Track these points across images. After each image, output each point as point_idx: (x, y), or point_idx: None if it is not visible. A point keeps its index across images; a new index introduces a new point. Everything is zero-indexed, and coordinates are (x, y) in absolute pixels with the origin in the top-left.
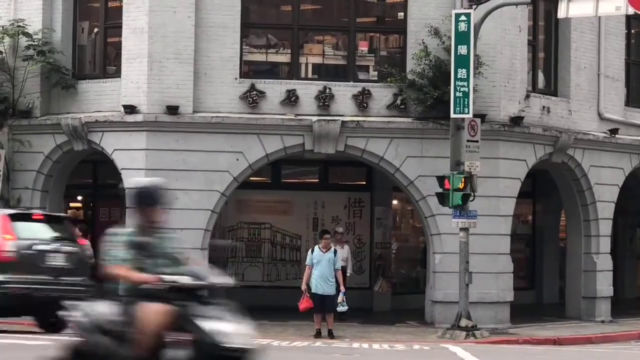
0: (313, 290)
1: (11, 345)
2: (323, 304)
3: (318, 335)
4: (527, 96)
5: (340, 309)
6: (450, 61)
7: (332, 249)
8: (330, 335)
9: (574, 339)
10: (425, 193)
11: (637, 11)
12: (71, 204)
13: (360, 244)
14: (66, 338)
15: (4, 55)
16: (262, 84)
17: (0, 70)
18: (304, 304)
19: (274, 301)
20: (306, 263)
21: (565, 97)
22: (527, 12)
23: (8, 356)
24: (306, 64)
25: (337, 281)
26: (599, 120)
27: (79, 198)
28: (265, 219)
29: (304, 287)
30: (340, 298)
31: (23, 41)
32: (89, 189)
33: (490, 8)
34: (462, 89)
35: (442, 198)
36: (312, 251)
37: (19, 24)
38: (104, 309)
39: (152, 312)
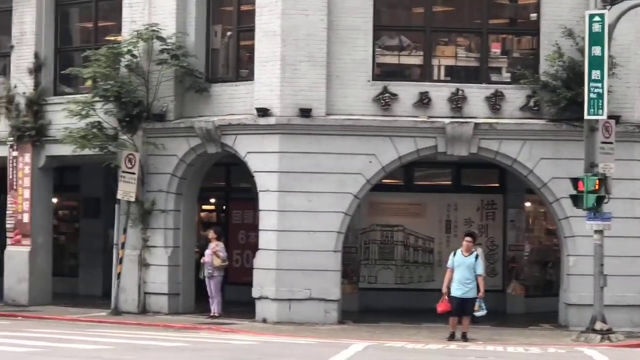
0: (452, 294)
1: None
2: (461, 308)
3: (452, 337)
4: None
5: (478, 314)
6: (584, 62)
7: (474, 253)
8: (464, 338)
9: None
10: (559, 195)
11: None
12: (203, 207)
13: (493, 247)
14: None
15: (138, 59)
16: (394, 86)
17: (135, 74)
18: (442, 306)
19: (406, 303)
20: (447, 266)
21: None
22: None
23: None
24: (438, 66)
25: (477, 286)
26: None
27: (212, 201)
28: (397, 222)
29: (444, 289)
30: (476, 306)
31: (157, 45)
32: (222, 192)
33: (624, 8)
34: (596, 91)
35: (576, 200)
36: (454, 254)
37: (153, 28)
38: None
39: None
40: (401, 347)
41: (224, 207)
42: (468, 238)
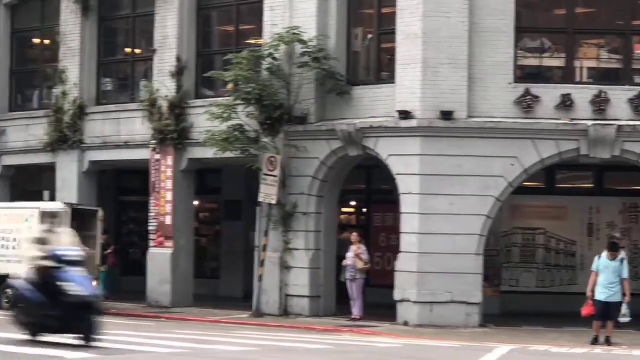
0: (596, 297)
1: None
2: (605, 312)
3: (595, 341)
4: None
5: (622, 319)
6: None
7: (619, 256)
8: (608, 342)
9: None
10: None
11: None
12: (342, 209)
13: (636, 250)
14: None
15: (279, 62)
16: (536, 89)
17: (276, 77)
18: (586, 310)
19: (548, 307)
20: (592, 269)
21: None
22: None
23: None
24: (580, 68)
25: (623, 290)
26: None
27: (352, 203)
28: (539, 224)
29: (588, 293)
30: (623, 310)
31: (298, 48)
32: (362, 194)
33: None
34: None
35: None
36: (599, 257)
37: (294, 31)
38: None
39: None
40: (545, 350)
41: (364, 209)
42: (611, 252)
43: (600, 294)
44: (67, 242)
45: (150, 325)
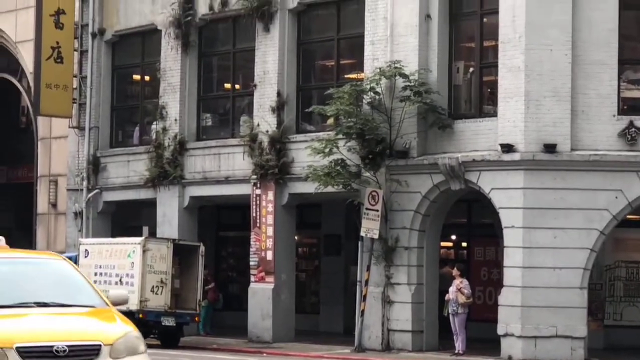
0: None
1: None
2: None
3: None
4: None
5: None
6: None
7: None
8: None
9: None
10: None
11: None
12: (443, 244)
13: None
14: None
15: (381, 96)
16: None
17: (378, 111)
18: None
19: None
20: None
21: None
22: None
23: None
24: None
25: None
26: None
27: (452, 237)
28: None
29: None
30: None
31: (400, 82)
32: (463, 228)
33: None
34: None
35: None
36: None
37: (396, 65)
38: None
39: None
40: None
41: (464, 243)
42: None
43: None
44: None
45: None
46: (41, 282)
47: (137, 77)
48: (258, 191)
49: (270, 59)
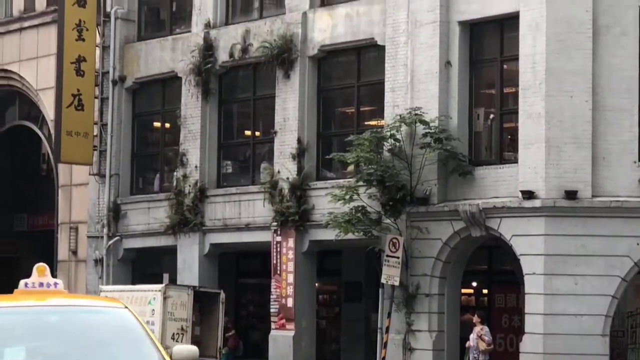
0: None
1: None
2: None
3: None
4: None
5: None
6: None
7: None
8: None
9: None
10: None
11: None
12: (463, 290)
13: None
14: None
15: (401, 143)
16: None
17: (398, 158)
18: None
19: None
20: None
21: None
22: None
23: None
24: None
25: None
26: None
27: (473, 284)
28: None
29: None
30: None
31: (420, 129)
32: (483, 275)
33: None
34: None
35: None
36: None
37: (416, 112)
38: None
39: None
40: None
41: (485, 290)
42: None
43: None
44: None
45: None
46: (97, 336)
47: (157, 124)
48: (278, 238)
49: (291, 105)
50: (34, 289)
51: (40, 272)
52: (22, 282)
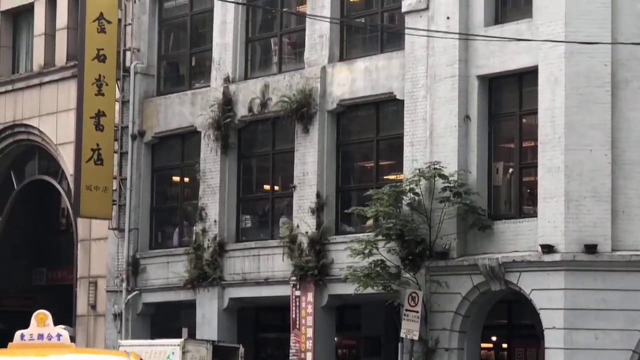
0: None
1: None
2: None
3: None
4: None
5: None
6: None
7: None
8: None
9: None
10: None
11: None
12: (482, 345)
13: None
14: None
15: (420, 197)
16: None
17: (417, 212)
18: None
19: None
20: None
21: None
22: None
23: None
24: None
25: None
26: None
27: (493, 339)
28: None
29: None
30: None
31: (439, 183)
32: (503, 329)
33: None
34: None
35: None
36: None
37: (435, 166)
38: None
39: None
40: None
41: (505, 345)
42: None
43: None
44: None
45: None
46: None
47: (176, 178)
48: (297, 292)
49: (310, 160)
50: (32, 341)
51: (40, 321)
52: (18, 333)
